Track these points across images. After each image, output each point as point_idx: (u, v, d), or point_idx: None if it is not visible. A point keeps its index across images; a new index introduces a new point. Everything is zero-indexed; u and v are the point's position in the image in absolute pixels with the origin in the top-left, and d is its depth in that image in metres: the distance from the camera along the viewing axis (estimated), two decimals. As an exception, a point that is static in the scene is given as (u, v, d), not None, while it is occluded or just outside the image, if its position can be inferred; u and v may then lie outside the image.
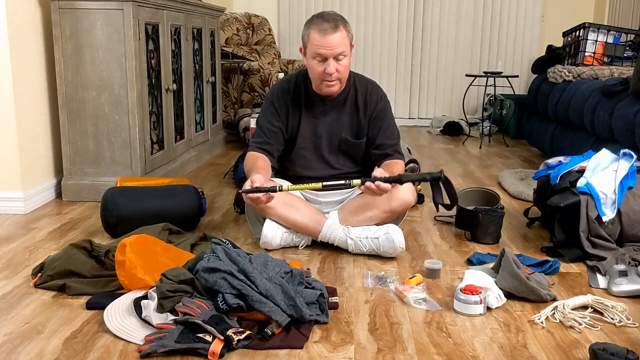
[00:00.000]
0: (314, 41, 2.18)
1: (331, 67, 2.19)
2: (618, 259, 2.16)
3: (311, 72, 2.28)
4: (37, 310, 1.79)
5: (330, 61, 2.19)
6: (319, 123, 2.38)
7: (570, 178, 2.38)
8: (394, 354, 1.57)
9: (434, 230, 2.64)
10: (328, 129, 2.38)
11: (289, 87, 2.39)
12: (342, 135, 2.38)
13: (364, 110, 2.38)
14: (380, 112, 2.39)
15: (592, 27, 4.11)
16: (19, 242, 2.39)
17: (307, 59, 2.27)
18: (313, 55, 2.21)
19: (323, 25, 2.17)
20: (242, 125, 4.51)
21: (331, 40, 2.16)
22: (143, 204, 2.44)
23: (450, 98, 6.08)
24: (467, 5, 5.91)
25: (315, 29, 2.18)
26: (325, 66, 2.20)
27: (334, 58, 2.19)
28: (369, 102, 2.38)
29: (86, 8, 2.85)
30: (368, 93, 2.39)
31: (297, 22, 5.97)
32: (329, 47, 2.17)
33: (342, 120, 2.38)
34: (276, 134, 2.36)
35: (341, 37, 2.19)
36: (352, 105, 2.38)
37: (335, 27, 2.18)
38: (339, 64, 2.21)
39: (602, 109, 3.20)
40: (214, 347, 1.52)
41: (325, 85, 2.26)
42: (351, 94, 2.38)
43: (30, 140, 2.85)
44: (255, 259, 1.79)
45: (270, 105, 2.38)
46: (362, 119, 2.38)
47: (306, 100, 2.38)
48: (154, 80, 3.17)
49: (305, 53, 2.27)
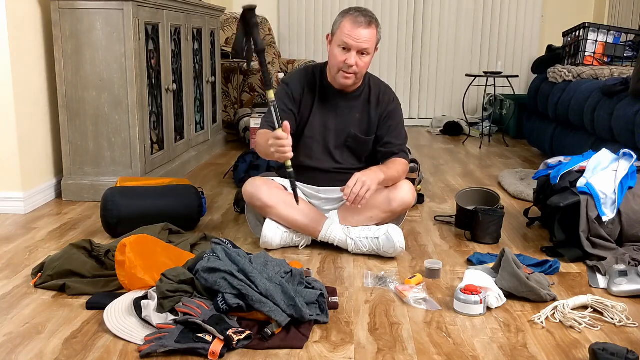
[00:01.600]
0: (345, 29, 2.23)
1: (352, 59, 2.23)
2: (618, 259, 2.16)
3: (331, 60, 2.31)
4: (37, 310, 1.79)
5: (353, 53, 2.23)
6: (330, 116, 2.39)
7: (570, 178, 2.38)
8: (394, 354, 1.57)
9: (434, 230, 2.64)
10: (338, 123, 2.39)
11: (306, 74, 2.41)
12: (351, 131, 2.39)
13: (375, 108, 2.40)
14: (392, 112, 2.42)
15: (592, 27, 4.11)
16: (19, 242, 2.39)
17: (331, 46, 2.30)
18: (339, 42, 2.25)
19: (359, 18, 2.22)
20: (242, 125, 4.51)
21: (361, 34, 2.21)
22: (143, 204, 2.44)
23: (450, 98, 6.08)
24: (467, 5, 5.91)
25: (350, 19, 2.23)
26: (347, 56, 2.24)
27: (357, 52, 2.23)
28: (382, 101, 2.41)
29: (86, 8, 2.85)
30: (381, 93, 2.42)
31: (297, 22, 5.97)
32: (357, 39, 2.21)
33: (353, 116, 2.40)
34: (287, 115, 2.34)
35: (371, 35, 2.24)
36: (365, 102, 2.41)
37: (370, 24, 2.23)
38: (360, 59, 2.25)
39: (602, 109, 3.20)
40: (214, 347, 1.52)
41: (342, 76, 2.28)
42: (365, 91, 2.41)
43: (30, 140, 2.85)
44: (255, 259, 1.79)
45: (286, 88, 2.40)
46: (373, 117, 2.40)
47: (320, 91, 2.39)
48: (154, 80, 3.17)
49: (332, 40, 2.31)
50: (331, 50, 2.30)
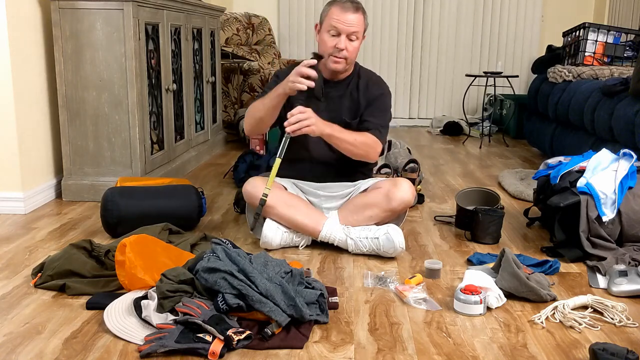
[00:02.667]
0: (333, 15, 2.30)
1: (342, 43, 2.30)
2: (618, 259, 2.16)
3: (321, 47, 2.36)
4: (37, 310, 1.79)
5: (343, 37, 2.30)
6: (321, 105, 2.40)
7: (570, 178, 2.38)
8: (394, 354, 1.57)
9: (434, 230, 2.64)
10: (329, 112, 2.40)
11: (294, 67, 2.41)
12: (343, 118, 2.41)
13: (364, 94, 2.43)
14: (379, 96, 2.45)
15: (592, 27, 4.10)
16: (19, 242, 2.39)
17: (320, 34, 2.36)
18: (328, 28, 2.31)
19: (346, 4, 2.31)
20: (242, 125, 4.51)
21: (349, 18, 2.29)
22: (143, 204, 2.44)
23: (450, 98, 6.08)
24: (467, 5, 5.91)
25: (338, 5, 2.32)
26: (337, 41, 2.30)
27: (346, 36, 2.30)
28: (370, 88, 2.45)
29: (86, 8, 2.85)
30: (371, 81, 2.47)
31: (297, 22, 5.97)
32: (346, 22, 2.29)
33: (343, 104, 2.43)
34: None
35: (359, 19, 2.32)
36: (354, 90, 2.44)
37: (357, 9, 2.33)
38: (350, 43, 2.32)
39: (602, 109, 3.20)
40: (214, 347, 1.52)
41: (332, 61, 2.33)
42: (354, 79, 2.46)
43: (30, 140, 2.85)
44: (255, 259, 1.79)
45: (276, 79, 2.43)
46: (362, 102, 2.43)
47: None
48: (154, 80, 3.17)
49: (320, 29, 2.37)
50: (320, 38, 2.36)
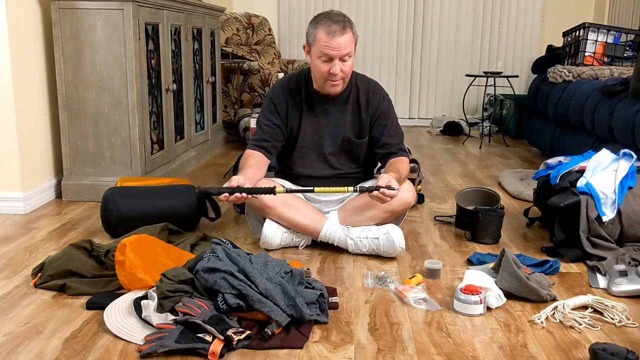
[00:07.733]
0: (321, 41, 2.18)
1: (336, 67, 2.20)
2: (618, 259, 2.16)
3: (315, 71, 2.27)
4: (37, 310, 1.79)
5: (336, 62, 2.20)
6: (321, 122, 2.38)
7: (570, 178, 2.38)
8: (394, 354, 1.57)
9: (434, 230, 2.64)
10: (330, 129, 2.38)
11: (289, 85, 2.39)
12: (345, 135, 2.38)
13: (365, 109, 2.37)
14: (384, 111, 2.38)
15: (592, 27, 4.11)
16: (19, 242, 2.39)
17: (311, 58, 2.26)
18: (319, 54, 2.20)
19: (332, 27, 2.17)
20: (242, 125, 4.52)
21: (339, 42, 2.17)
22: (143, 204, 2.44)
23: (450, 98, 6.08)
24: (467, 5, 5.91)
25: (323, 30, 2.18)
26: (330, 66, 2.20)
27: (339, 59, 2.20)
28: (371, 101, 2.37)
29: (86, 8, 2.85)
30: (370, 92, 2.38)
31: (297, 22, 5.97)
32: (337, 48, 2.17)
33: (344, 119, 2.38)
34: (274, 131, 2.35)
35: (348, 39, 2.19)
36: (354, 104, 2.38)
37: (344, 29, 2.18)
38: (344, 64, 2.22)
39: (602, 109, 3.20)
40: (214, 347, 1.52)
41: (329, 85, 2.26)
42: (353, 92, 2.38)
43: (30, 140, 2.85)
44: (255, 259, 1.79)
45: (269, 103, 2.38)
46: (364, 117, 2.38)
47: (307, 99, 2.37)
48: (154, 80, 3.17)
49: (310, 52, 2.26)
50: (312, 62, 2.26)
